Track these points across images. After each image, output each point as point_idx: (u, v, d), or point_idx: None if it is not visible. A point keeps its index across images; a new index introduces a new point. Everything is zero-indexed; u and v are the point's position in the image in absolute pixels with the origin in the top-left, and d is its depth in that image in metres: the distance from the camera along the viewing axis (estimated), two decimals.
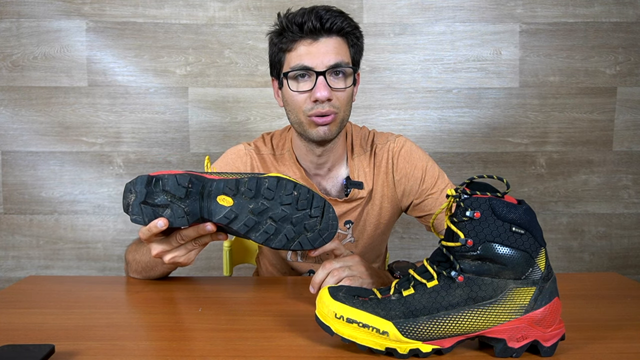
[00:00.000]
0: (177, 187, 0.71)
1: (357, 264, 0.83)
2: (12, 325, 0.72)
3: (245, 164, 1.07)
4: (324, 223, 0.75)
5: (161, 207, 0.71)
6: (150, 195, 0.71)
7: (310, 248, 0.75)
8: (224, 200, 0.72)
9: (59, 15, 1.81)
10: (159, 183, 0.71)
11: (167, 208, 0.71)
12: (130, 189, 0.72)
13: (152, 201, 0.71)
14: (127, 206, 0.72)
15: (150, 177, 0.71)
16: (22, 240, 1.89)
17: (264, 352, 0.63)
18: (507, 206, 0.59)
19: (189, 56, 1.84)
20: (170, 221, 0.71)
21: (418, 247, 1.92)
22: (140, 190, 0.71)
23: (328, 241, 0.76)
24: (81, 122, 1.85)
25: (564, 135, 1.88)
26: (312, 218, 0.74)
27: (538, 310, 0.60)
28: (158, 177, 0.71)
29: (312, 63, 0.93)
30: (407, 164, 1.06)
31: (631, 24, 1.84)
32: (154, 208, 0.71)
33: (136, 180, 0.71)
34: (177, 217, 0.71)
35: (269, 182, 0.73)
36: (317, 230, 0.74)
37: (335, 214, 0.75)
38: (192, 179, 0.71)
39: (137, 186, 0.71)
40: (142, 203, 0.71)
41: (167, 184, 0.71)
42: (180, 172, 0.73)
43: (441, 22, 1.85)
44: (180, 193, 0.71)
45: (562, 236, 1.92)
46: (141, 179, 0.71)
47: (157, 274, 0.93)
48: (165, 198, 0.71)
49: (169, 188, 0.71)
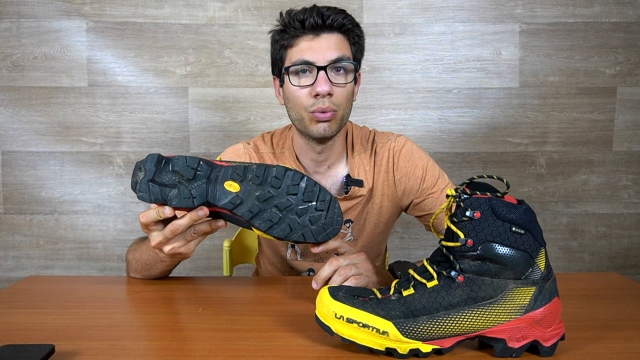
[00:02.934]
0: (186, 168, 0.72)
1: (364, 262, 0.83)
2: (12, 325, 0.72)
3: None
4: (329, 218, 0.75)
5: (168, 186, 0.72)
6: (158, 173, 0.72)
7: (313, 241, 0.75)
8: (230, 186, 0.73)
9: (59, 15, 1.81)
10: (169, 163, 0.72)
11: (174, 188, 0.72)
12: (140, 167, 0.73)
13: (160, 180, 0.72)
14: (135, 184, 0.73)
15: (161, 156, 0.73)
16: (22, 240, 1.89)
17: (264, 352, 0.63)
18: (507, 206, 0.59)
19: (189, 56, 1.84)
20: (176, 201, 0.72)
21: (418, 247, 1.92)
22: (150, 168, 0.72)
23: (332, 236, 0.76)
24: (81, 122, 1.85)
25: (564, 135, 1.88)
26: (317, 211, 0.74)
27: (538, 310, 0.60)
28: (169, 158, 0.73)
29: (314, 58, 0.94)
30: (408, 163, 1.06)
31: (631, 24, 1.84)
32: (161, 187, 0.72)
33: (147, 159, 0.72)
34: (184, 198, 0.72)
35: (277, 171, 0.74)
36: (322, 224, 0.75)
37: (340, 210, 0.76)
38: (202, 162, 0.73)
39: (147, 164, 0.72)
40: (150, 181, 0.71)
41: (177, 164, 0.72)
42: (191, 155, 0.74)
43: (441, 22, 1.85)
44: (188, 174, 0.72)
45: (562, 236, 1.92)
46: (152, 157, 0.72)
47: (157, 272, 0.93)
48: (173, 178, 0.72)
49: (178, 168, 0.72)
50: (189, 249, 0.78)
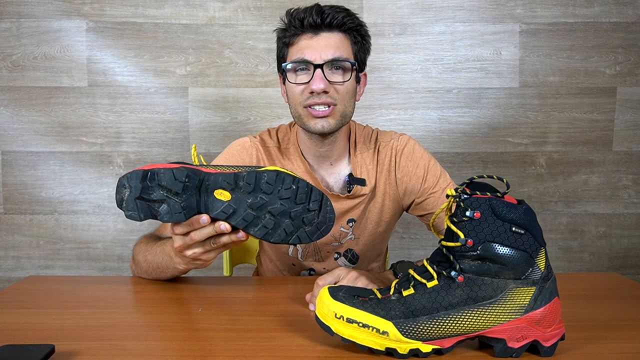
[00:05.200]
0: (174, 181, 0.68)
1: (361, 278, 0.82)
2: (12, 325, 0.72)
3: (251, 156, 1.07)
4: (322, 216, 0.74)
5: (157, 202, 0.69)
6: (145, 190, 0.69)
7: (307, 242, 0.75)
8: (221, 195, 0.71)
9: (59, 15, 1.81)
10: (155, 178, 0.69)
11: (164, 203, 0.69)
12: (124, 184, 0.69)
13: (147, 196, 0.69)
14: (121, 201, 0.70)
15: (145, 171, 0.69)
16: (22, 240, 1.89)
17: (264, 352, 0.63)
18: (507, 206, 0.59)
19: (189, 56, 1.84)
20: (167, 217, 0.69)
21: (418, 247, 1.92)
22: (135, 185, 0.68)
23: (325, 234, 0.75)
24: (81, 122, 1.85)
25: (564, 135, 1.88)
26: (310, 212, 0.74)
27: (538, 310, 0.60)
28: (153, 172, 0.69)
29: (311, 56, 0.95)
30: (409, 162, 1.06)
31: (631, 24, 1.84)
32: (149, 203, 0.69)
33: (131, 175, 0.69)
34: (175, 213, 0.69)
35: (268, 176, 0.72)
36: (315, 224, 0.74)
37: (332, 207, 0.75)
38: (189, 173, 0.69)
39: (131, 181, 0.69)
40: (137, 198, 0.69)
41: (164, 179, 0.68)
42: (174, 165, 0.70)
43: (441, 22, 1.85)
44: (177, 188, 0.69)
45: (562, 236, 1.92)
46: (136, 173, 0.69)
47: (167, 276, 0.92)
48: (161, 193, 0.69)
49: (166, 183, 0.68)
50: (208, 257, 0.78)
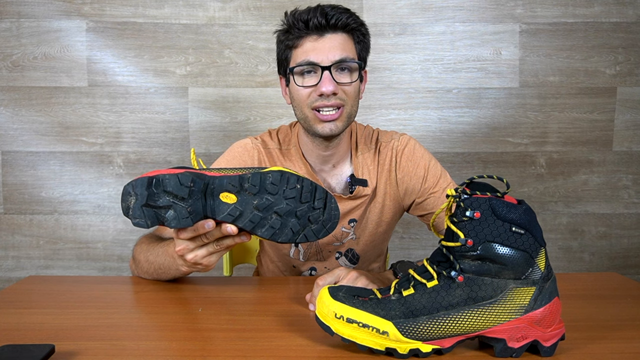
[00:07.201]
0: (180, 187, 0.69)
1: (361, 278, 0.82)
2: (12, 325, 0.72)
3: (253, 157, 1.07)
4: (327, 214, 0.75)
5: (164, 208, 0.70)
6: (151, 197, 0.69)
7: (314, 239, 0.75)
8: (227, 198, 0.71)
9: (59, 15, 1.81)
10: (160, 184, 0.69)
11: (170, 209, 0.70)
12: (130, 192, 0.70)
13: (153, 203, 0.69)
14: (127, 209, 0.70)
15: (150, 178, 0.69)
16: (22, 240, 1.89)
17: (264, 352, 0.63)
18: (507, 206, 0.59)
19: (189, 56, 1.84)
20: (175, 223, 0.70)
21: (418, 247, 1.92)
22: (141, 192, 0.69)
23: (331, 231, 0.76)
24: (81, 122, 1.85)
25: (564, 135, 1.88)
26: (315, 210, 0.74)
27: (538, 310, 0.60)
28: (158, 178, 0.69)
29: (318, 58, 0.94)
30: (410, 162, 1.06)
31: (631, 24, 1.84)
32: (156, 210, 0.70)
33: (136, 183, 0.69)
34: (182, 218, 0.69)
35: (273, 177, 0.72)
36: (321, 222, 0.75)
37: (337, 204, 0.76)
38: (194, 178, 0.70)
39: (137, 188, 0.69)
40: (144, 205, 0.69)
41: (169, 185, 0.69)
42: (178, 170, 0.71)
43: (441, 22, 1.85)
44: (183, 193, 0.69)
45: (562, 236, 1.92)
46: (141, 181, 0.69)
47: (168, 277, 0.92)
48: (167, 199, 0.69)
49: (171, 189, 0.69)
50: (210, 261, 0.78)
